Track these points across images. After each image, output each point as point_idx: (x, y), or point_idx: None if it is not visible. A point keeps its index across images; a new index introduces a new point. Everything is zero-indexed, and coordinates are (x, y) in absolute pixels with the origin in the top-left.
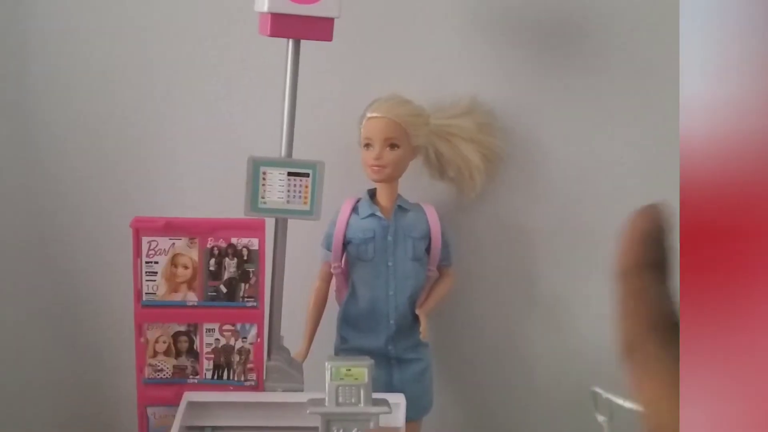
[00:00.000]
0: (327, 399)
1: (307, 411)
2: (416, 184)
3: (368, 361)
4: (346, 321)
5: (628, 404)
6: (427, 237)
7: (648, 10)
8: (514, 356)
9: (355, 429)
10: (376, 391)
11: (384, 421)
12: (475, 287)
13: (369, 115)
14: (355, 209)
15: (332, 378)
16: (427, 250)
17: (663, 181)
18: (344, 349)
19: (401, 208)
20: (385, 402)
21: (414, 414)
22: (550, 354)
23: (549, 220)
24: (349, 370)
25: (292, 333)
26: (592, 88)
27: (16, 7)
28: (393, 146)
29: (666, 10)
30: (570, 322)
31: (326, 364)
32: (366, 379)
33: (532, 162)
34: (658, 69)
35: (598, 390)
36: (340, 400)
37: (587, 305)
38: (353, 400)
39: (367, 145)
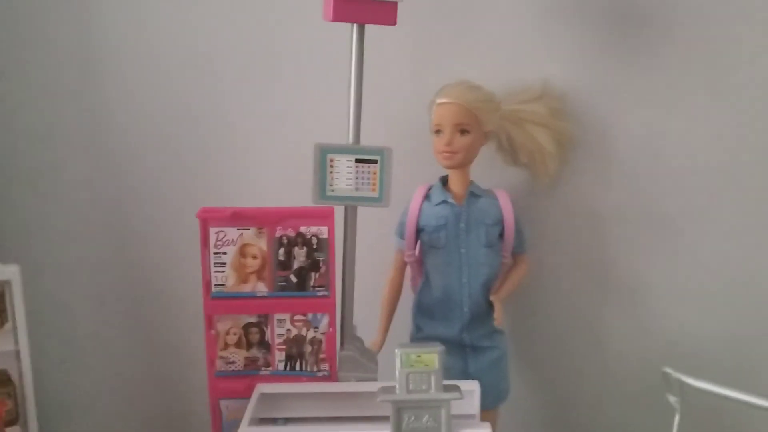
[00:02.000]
0: (397, 386)
1: (378, 399)
2: (489, 171)
3: (438, 347)
4: (421, 309)
5: (698, 384)
6: (500, 223)
7: None
8: (590, 341)
9: (427, 416)
10: (451, 379)
11: (458, 408)
12: (550, 273)
13: (438, 101)
14: (427, 196)
15: (402, 365)
16: (501, 236)
17: (737, 164)
18: (419, 338)
19: (473, 194)
20: (456, 388)
21: (490, 402)
22: (625, 337)
23: (622, 204)
24: (419, 356)
25: (368, 323)
26: (663, 70)
27: (85, 10)
28: (463, 132)
29: None
30: (644, 305)
31: (396, 351)
32: (436, 365)
33: (605, 146)
34: (729, 49)
35: (669, 370)
36: (411, 387)
37: (662, 289)
38: (424, 387)
39: (438, 132)
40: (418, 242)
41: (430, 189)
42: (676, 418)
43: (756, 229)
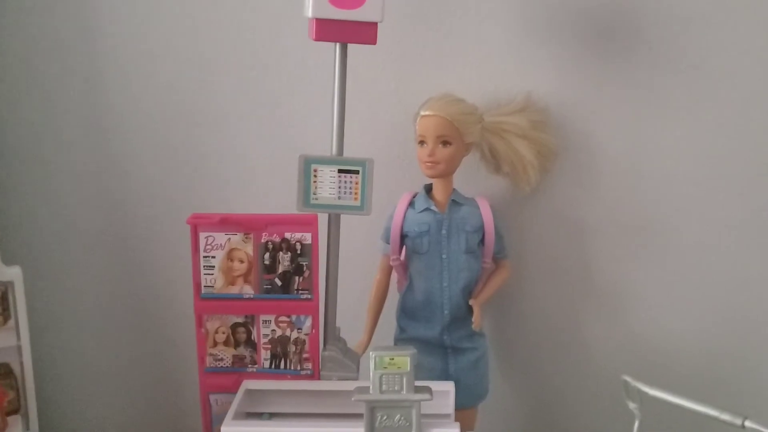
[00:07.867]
0: (371, 387)
1: (352, 398)
2: (474, 178)
3: (410, 351)
4: (404, 311)
5: (654, 392)
6: (481, 230)
7: (699, 3)
8: (569, 346)
9: (399, 415)
10: (432, 378)
11: (434, 407)
12: (531, 278)
13: (422, 113)
14: (411, 203)
15: (376, 367)
16: (482, 242)
17: (718, 174)
18: (402, 338)
19: (455, 202)
20: (427, 389)
21: (469, 401)
22: (605, 343)
23: (602, 213)
24: (392, 359)
25: (355, 324)
26: (643, 83)
27: (87, 17)
28: (445, 143)
29: (718, 3)
30: (624, 312)
31: (370, 353)
32: (408, 367)
33: (586, 156)
34: (709, 62)
35: (628, 378)
36: (384, 388)
37: (642, 296)
38: (396, 388)
39: (421, 143)
40: (404, 247)
41: (414, 196)
42: (636, 424)
43: (738, 238)
